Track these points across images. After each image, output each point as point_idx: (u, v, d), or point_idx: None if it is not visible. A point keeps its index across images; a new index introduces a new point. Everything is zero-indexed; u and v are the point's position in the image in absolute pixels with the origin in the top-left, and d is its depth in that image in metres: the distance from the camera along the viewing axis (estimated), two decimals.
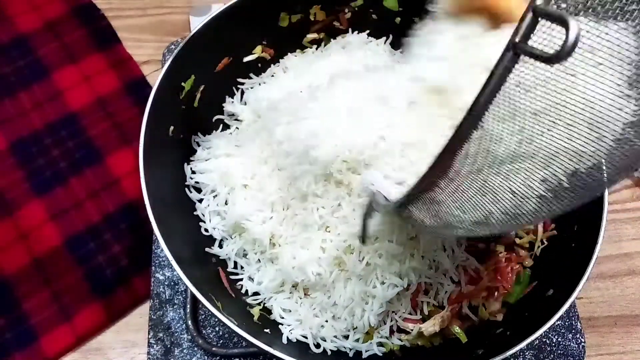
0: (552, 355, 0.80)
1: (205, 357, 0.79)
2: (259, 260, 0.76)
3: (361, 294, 0.70)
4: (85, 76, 1.00)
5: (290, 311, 0.73)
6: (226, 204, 0.77)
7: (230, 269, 0.77)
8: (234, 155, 0.79)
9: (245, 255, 0.77)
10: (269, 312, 0.74)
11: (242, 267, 0.77)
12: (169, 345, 0.79)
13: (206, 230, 0.78)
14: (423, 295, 0.72)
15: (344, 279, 0.70)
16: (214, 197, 0.78)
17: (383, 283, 0.69)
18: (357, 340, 0.72)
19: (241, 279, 0.76)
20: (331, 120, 0.68)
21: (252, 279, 0.75)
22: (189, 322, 0.79)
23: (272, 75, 0.87)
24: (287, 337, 0.71)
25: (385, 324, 0.72)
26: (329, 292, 0.71)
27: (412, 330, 0.72)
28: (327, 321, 0.72)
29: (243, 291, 0.75)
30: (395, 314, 0.72)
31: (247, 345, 0.75)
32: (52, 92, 0.98)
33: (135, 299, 0.85)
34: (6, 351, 0.80)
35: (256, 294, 0.75)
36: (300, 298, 0.73)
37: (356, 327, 0.71)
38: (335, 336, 0.71)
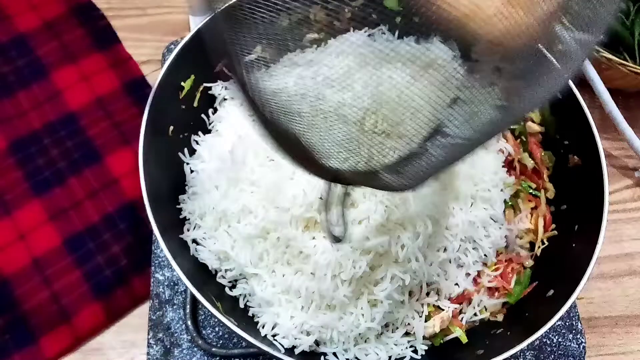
0: (552, 356, 0.80)
1: (205, 357, 0.78)
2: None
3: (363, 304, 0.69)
4: (84, 76, 1.00)
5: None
6: None
7: None
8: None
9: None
10: None
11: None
12: (168, 346, 0.79)
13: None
14: (424, 296, 0.72)
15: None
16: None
17: (384, 290, 0.69)
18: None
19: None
20: None
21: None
22: (189, 323, 0.79)
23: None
24: None
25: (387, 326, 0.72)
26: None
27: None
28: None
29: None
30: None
31: (247, 345, 0.75)
32: (51, 92, 0.98)
33: (135, 300, 0.85)
34: (5, 352, 0.79)
35: None
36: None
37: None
38: None
